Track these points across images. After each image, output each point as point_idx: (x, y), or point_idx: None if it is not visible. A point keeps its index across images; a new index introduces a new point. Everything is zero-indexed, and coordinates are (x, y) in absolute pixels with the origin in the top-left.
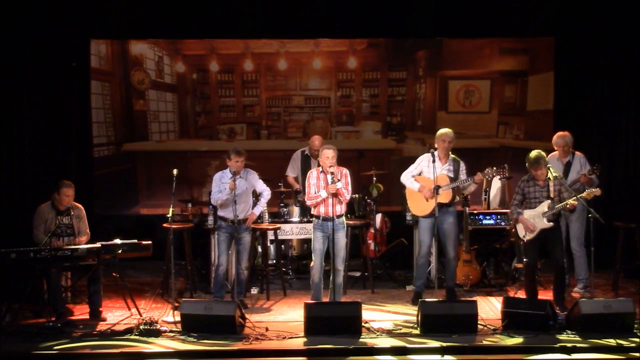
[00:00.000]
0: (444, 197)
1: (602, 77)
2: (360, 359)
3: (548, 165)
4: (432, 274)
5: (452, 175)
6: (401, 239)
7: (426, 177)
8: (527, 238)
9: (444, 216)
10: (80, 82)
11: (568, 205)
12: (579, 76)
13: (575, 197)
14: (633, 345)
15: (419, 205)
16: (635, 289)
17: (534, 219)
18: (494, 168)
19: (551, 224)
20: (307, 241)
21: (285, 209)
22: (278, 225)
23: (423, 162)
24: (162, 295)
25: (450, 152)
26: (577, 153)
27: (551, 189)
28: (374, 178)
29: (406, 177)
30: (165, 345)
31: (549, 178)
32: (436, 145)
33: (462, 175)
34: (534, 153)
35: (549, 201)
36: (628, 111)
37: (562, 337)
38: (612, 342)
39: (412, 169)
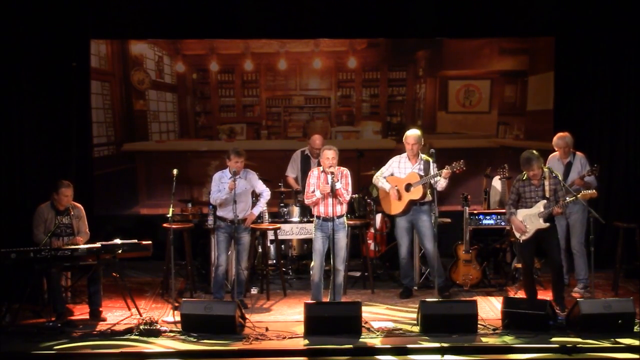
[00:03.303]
0: (416, 193)
1: (602, 77)
2: (360, 359)
3: (543, 166)
4: (431, 274)
5: (422, 174)
6: None
7: (397, 177)
8: (522, 238)
9: (418, 214)
10: (80, 82)
11: (553, 212)
12: (579, 76)
13: (560, 205)
14: (633, 345)
15: (392, 205)
16: (635, 289)
17: (530, 219)
18: (461, 161)
19: (547, 224)
20: (307, 241)
21: (285, 209)
22: (278, 225)
23: (394, 164)
24: (162, 295)
25: (419, 152)
26: (578, 153)
27: (546, 188)
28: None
29: (378, 179)
30: (165, 345)
31: (545, 177)
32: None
33: (432, 172)
34: (525, 153)
35: (545, 201)
36: (628, 111)
37: (562, 337)
38: (612, 342)
39: (384, 170)
